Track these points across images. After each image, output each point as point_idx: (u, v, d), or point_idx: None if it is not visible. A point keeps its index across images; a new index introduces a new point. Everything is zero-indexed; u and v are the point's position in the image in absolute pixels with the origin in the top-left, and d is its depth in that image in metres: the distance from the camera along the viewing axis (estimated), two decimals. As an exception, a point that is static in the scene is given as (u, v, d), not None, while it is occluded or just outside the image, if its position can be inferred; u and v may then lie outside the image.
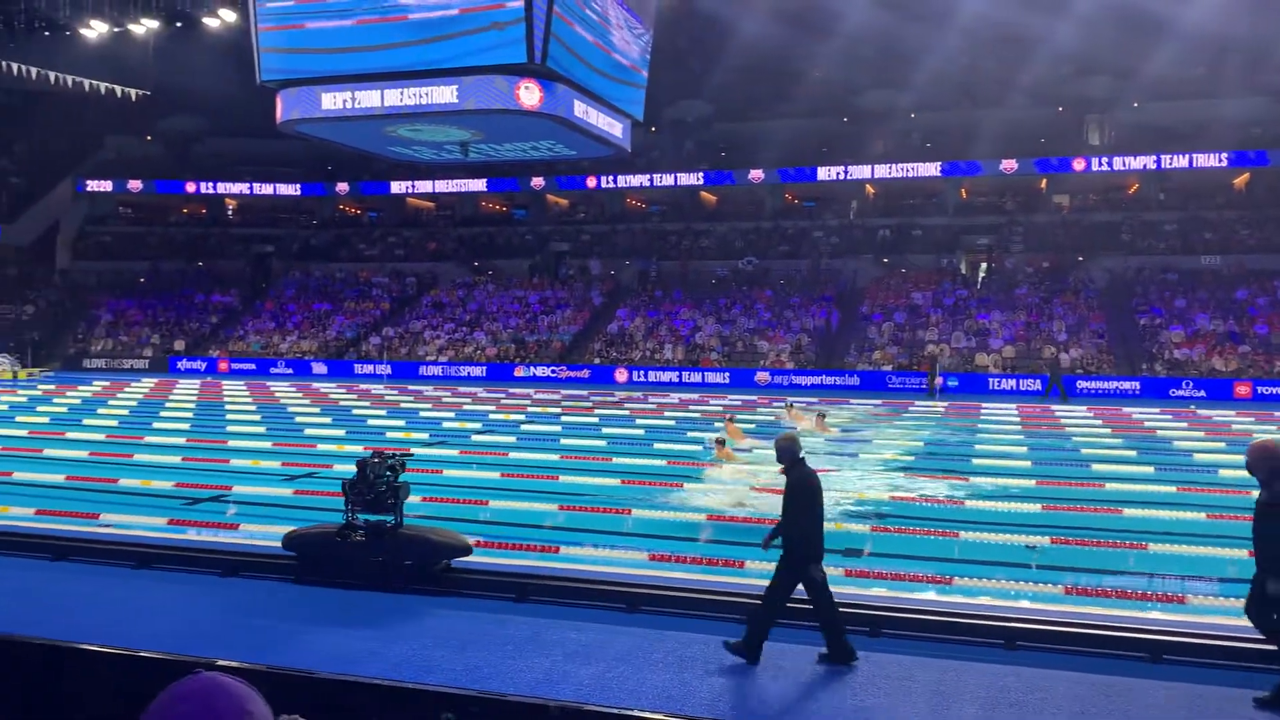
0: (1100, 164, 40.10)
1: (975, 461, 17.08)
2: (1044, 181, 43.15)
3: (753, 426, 20.80)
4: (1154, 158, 39.29)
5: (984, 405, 27.74)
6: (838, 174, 42.57)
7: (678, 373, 35.21)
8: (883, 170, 42.15)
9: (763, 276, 42.03)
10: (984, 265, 42.70)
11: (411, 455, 11.21)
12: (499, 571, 9.14)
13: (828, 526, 7.44)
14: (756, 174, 43.42)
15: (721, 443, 16.79)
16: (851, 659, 6.88)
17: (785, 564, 6.97)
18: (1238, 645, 6.92)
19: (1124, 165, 39.94)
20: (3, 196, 47.17)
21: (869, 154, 43.01)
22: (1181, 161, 39.21)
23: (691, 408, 26.90)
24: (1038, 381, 31.88)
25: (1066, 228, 42.45)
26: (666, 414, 25.01)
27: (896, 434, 21.20)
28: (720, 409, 25.34)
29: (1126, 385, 31.26)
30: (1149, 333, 34.56)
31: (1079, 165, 40.21)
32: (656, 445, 19.16)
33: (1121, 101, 41.55)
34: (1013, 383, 32.18)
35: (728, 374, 34.49)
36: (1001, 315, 36.44)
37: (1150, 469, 16.17)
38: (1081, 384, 31.43)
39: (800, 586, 6.93)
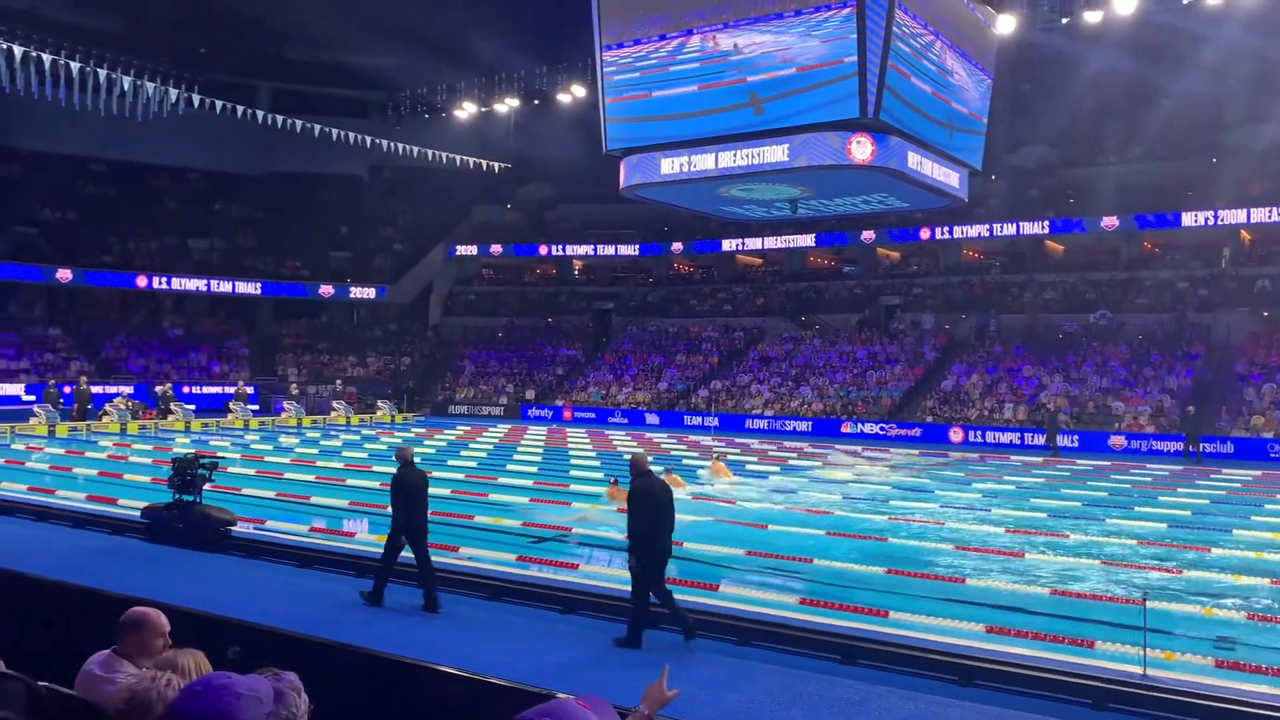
0: None
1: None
2: None
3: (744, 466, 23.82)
4: None
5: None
6: (1205, 219, 38.53)
7: (1019, 434, 33.08)
8: (1260, 214, 37.56)
9: (1117, 331, 38.74)
10: (1393, 318, 36.83)
11: (221, 456, 18.15)
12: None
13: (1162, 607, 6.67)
14: (1110, 221, 40.31)
15: (669, 471, 18.12)
16: None
17: None
18: None
19: None
20: (389, 261, 53.63)
21: (1242, 196, 38.56)
22: None
23: (1034, 471, 25.19)
24: None
25: None
26: (1005, 478, 23.58)
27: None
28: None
29: None
30: None
31: None
32: (994, 511, 18.11)
33: None
34: None
35: (1076, 437, 31.90)
36: None
37: None
38: None
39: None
